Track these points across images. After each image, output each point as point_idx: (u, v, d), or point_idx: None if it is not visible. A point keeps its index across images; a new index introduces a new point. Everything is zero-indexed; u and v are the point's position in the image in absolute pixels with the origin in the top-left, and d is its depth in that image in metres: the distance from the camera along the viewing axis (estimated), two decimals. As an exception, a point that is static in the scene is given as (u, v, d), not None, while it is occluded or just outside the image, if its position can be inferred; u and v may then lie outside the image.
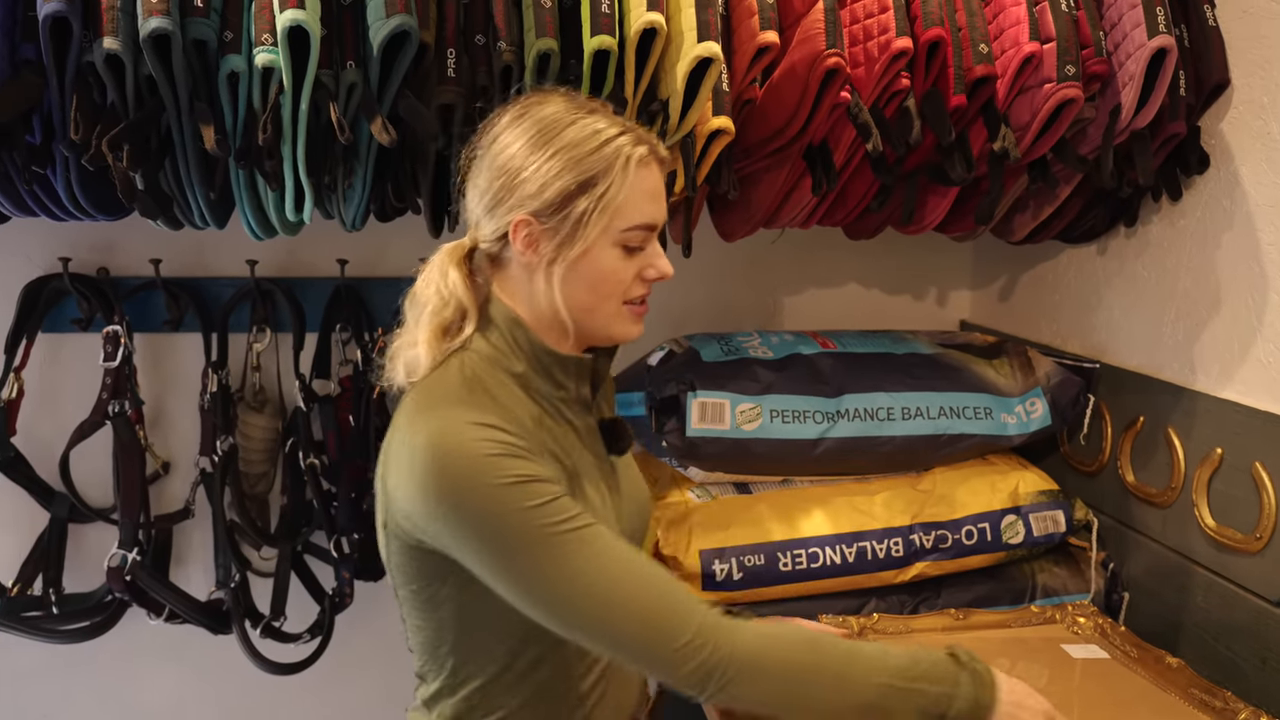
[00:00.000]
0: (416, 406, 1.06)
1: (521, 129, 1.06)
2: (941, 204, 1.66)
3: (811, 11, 1.37)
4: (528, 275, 1.09)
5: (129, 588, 1.74)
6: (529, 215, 1.05)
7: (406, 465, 1.02)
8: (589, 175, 1.04)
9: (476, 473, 0.99)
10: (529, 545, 0.99)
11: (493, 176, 1.07)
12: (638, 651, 0.99)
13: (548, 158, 1.04)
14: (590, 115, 1.06)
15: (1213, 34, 1.48)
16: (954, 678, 1.02)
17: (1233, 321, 1.48)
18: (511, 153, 1.06)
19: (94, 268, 1.83)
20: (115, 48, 1.22)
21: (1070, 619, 1.56)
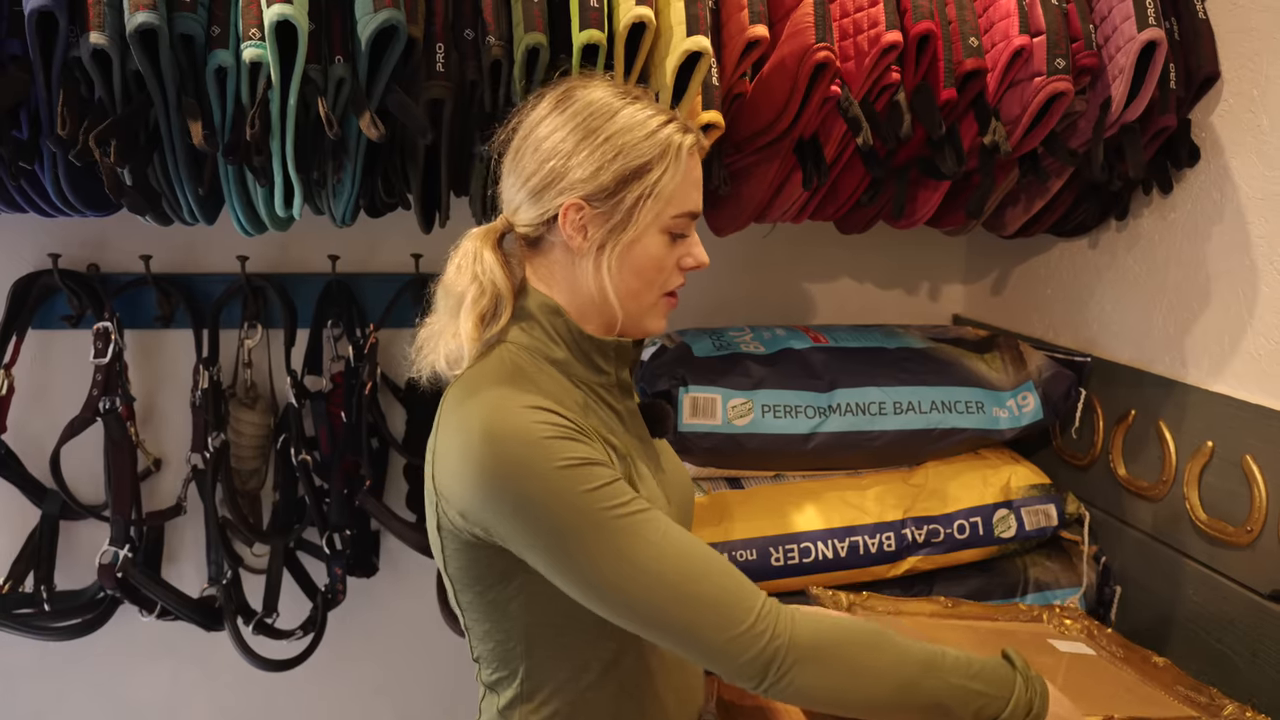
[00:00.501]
0: (465, 395, 1.04)
1: (569, 114, 1.05)
2: (933, 198, 1.66)
3: (801, 5, 1.37)
4: (572, 260, 1.08)
5: (121, 585, 1.74)
6: (580, 199, 1.04)
7: (460, 453, 1.01)
8: (643, 161, 1.04)
9: (534, 456, 0.97)
10: (587, 529, 0.97)
11: (541, 160, 1.05)
12: (697, 638, 0.97)
13: (600, 142, 1.04)
14: (636, 102, 1.06)
15: (1203, 27, 1.48)
16: (1011, 682, 1.02)
17: (1223, 314, 1.48)
18: (561, 137, 1.05)
19: (84, 264, 1.82)
20: (102, 43, 1.21)
21: (1057, 620, 1.56)
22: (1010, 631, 1.52)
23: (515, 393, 1.02)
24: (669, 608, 0.96)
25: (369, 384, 1.84)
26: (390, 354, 1.95)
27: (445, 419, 1.06)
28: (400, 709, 2.13)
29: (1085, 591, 1.68)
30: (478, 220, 1.58)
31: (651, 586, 0.96)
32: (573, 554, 0.97)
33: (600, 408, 1.10)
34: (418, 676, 2.11)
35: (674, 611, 0.96)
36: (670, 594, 0.96)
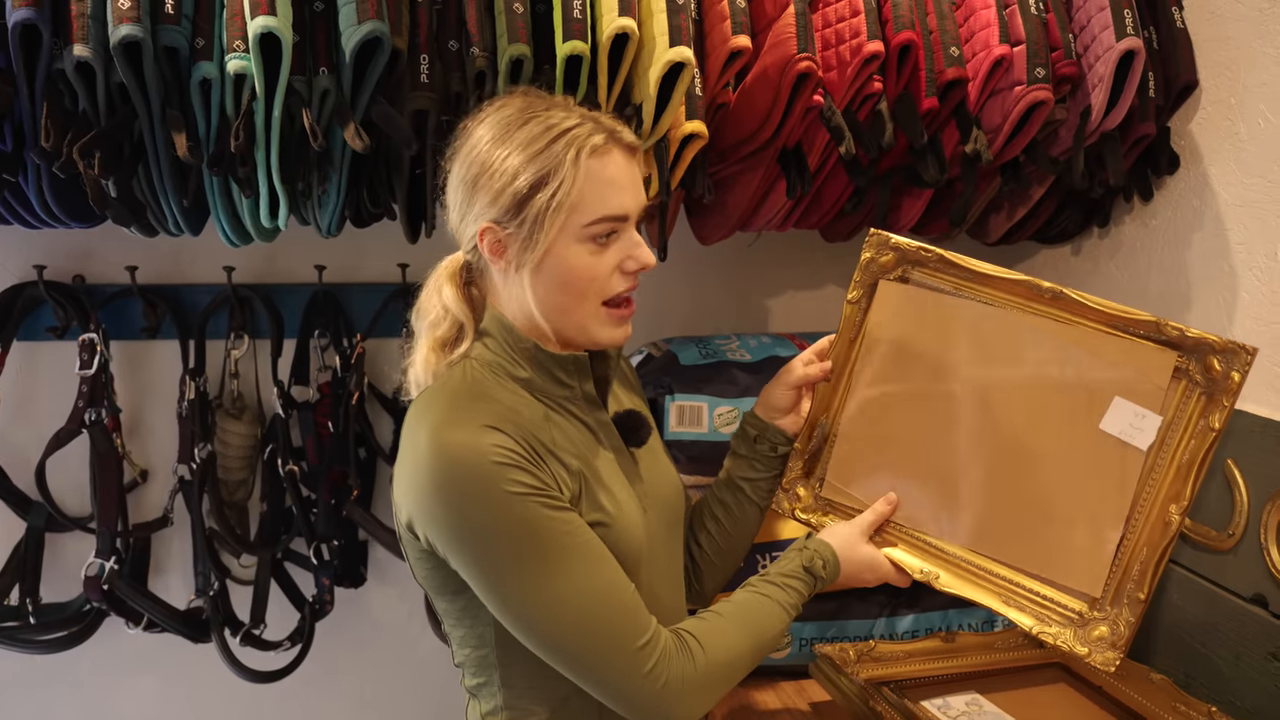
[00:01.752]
0: (419, 413, 1.06)
1: (479, 134, 1.07)
2: (916, 206, 1.67)
3: (783, 16, 1.38)
4: (500, 282, 1.10)
5: (107, 597, 1.73)
6: (490, 223, 1.05)
7: (410, 467, 1.03)
8: (541, 173, 1.02)
9: (475, 478, 0.99)
10: (514, 560, 1.00)
11: (457, 186, 1.09)
12: (604, 677, 1.03)
13: (502, 160, 1.03)
14: (547, 110, 1.05)
15: (1181, 36, 1.49)
16: (812, 585, 1.19)
17: (1204, 320, 1.49)
18: (471, 159, 1.06)
19: (69, 275, 1.82)
20: (86, 55, 1.21)
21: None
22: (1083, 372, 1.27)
23: (468, 412, 1.03)
24: (576, 647, 1.02)
25: (356, 394, 1.84)
26: (377, 364, 1.95)
27: (404, 433, 1.09)
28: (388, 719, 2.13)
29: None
30: (463, 230, 1.58)
31: (562, 626, 1.01)
32: (496, 580, 1.01)
33: (566, 421, 1.11)
34: (406, 687, 2.11)
35: (580, 651, 1.02)
36: (579, 635, 1.02)
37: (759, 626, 1.13)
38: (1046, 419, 1.22)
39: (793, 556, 1.21)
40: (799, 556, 1.20)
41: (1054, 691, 1.46)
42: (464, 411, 1.03)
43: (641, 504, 1.14)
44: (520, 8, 1.30)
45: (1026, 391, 1.22)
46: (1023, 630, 1.20)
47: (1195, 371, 1.14)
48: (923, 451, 1.27)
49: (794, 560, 1.20)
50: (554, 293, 1.07)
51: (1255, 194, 1.40)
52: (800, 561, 1.20)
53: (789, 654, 1.60)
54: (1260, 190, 1.39)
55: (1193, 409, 1.16)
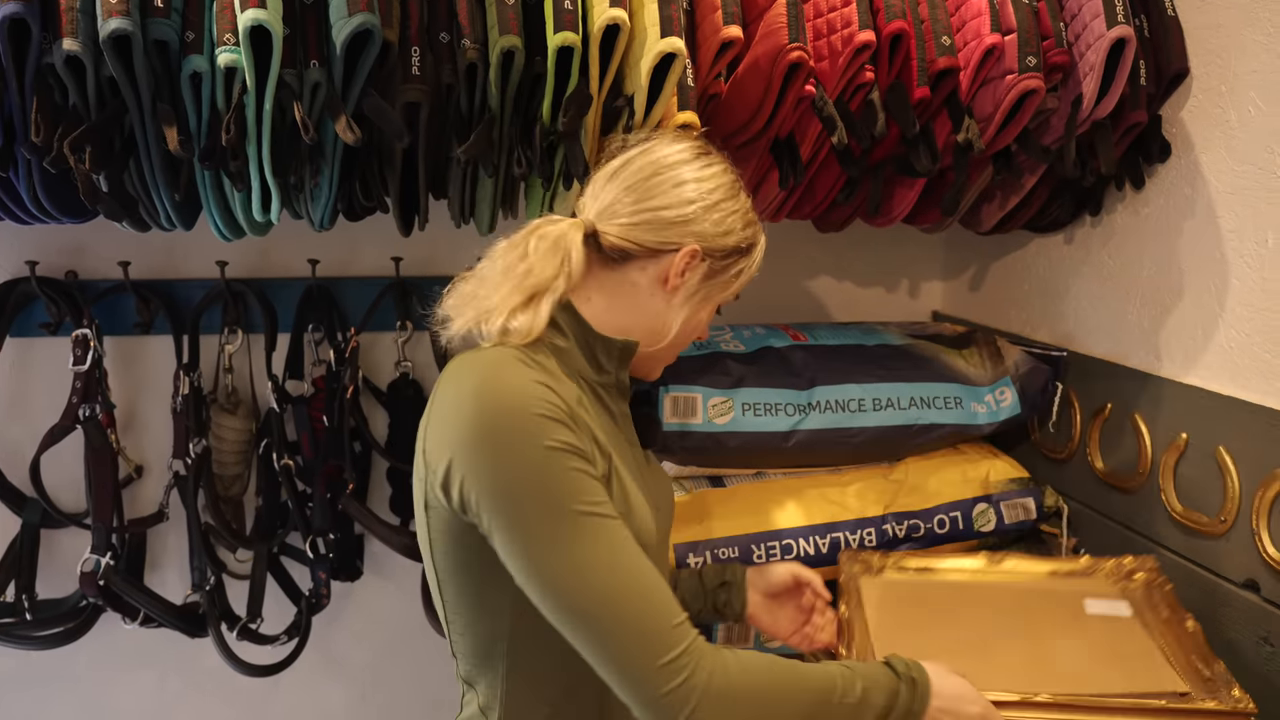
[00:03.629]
0: (464, 368, 1.06)
1: (712, 173, 1.15)
2: (909, 195, 1.67)
3: (774, 6, 1.38)
4: (646, 290, 1.15)
5: (103, 592, 1.73)
6: (701, 248, 1.13)
7: (451, 409, 1.02)
8: (752, 241, 1.19)
9: (521, 425, 0.98)
10: (548, 515, 0.97)
11: (683, 199, 1.13)
12: (618, 659, 0.96)
13: (733, 211, 1.16)
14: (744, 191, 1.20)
15: (1171, 23, 1.49)
16: (894, 689, 1.07)
17: (1196, 308, 1.50)
18: (709, 188, 1.14)
19: (62, 271, 1.82)
20: (75, 49, 1.21)
21: (1126, 572, 1.51)
22: (1046, 591, 1.49)
23: (516, 368, 1.04)
24: (604, 618, 0.96)
25: (351, 388, 1.84)
26: (372, 357, 1.95)
27: (443, 385, 1.08)
28: (385, 712, 2.13)
29: (1065, 584, 1.70)
30: (456, 222, 1.58)
31: (595, 591, 0.96)
32: (528, 535, 0.98)
33: (594, 405, 1.12)
34: (403, 679, 2.11)
35: (608, 623, 0.96)
36: (605, 607, 0.96)
37: (809, 682, 1.04)
38: (1043, 624, 1.41)
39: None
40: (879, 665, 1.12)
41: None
42: (514, 366, 1.04)
43: (648, 499, 1.14)
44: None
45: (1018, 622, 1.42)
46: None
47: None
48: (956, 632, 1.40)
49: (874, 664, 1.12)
50: (676, 326, 1.16)
51: (1246, 181, 1.41)
52: (881, 661, 1.12)
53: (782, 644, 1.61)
54: (1251, 177, 1.40)
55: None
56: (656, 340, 1.17)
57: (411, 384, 1.97)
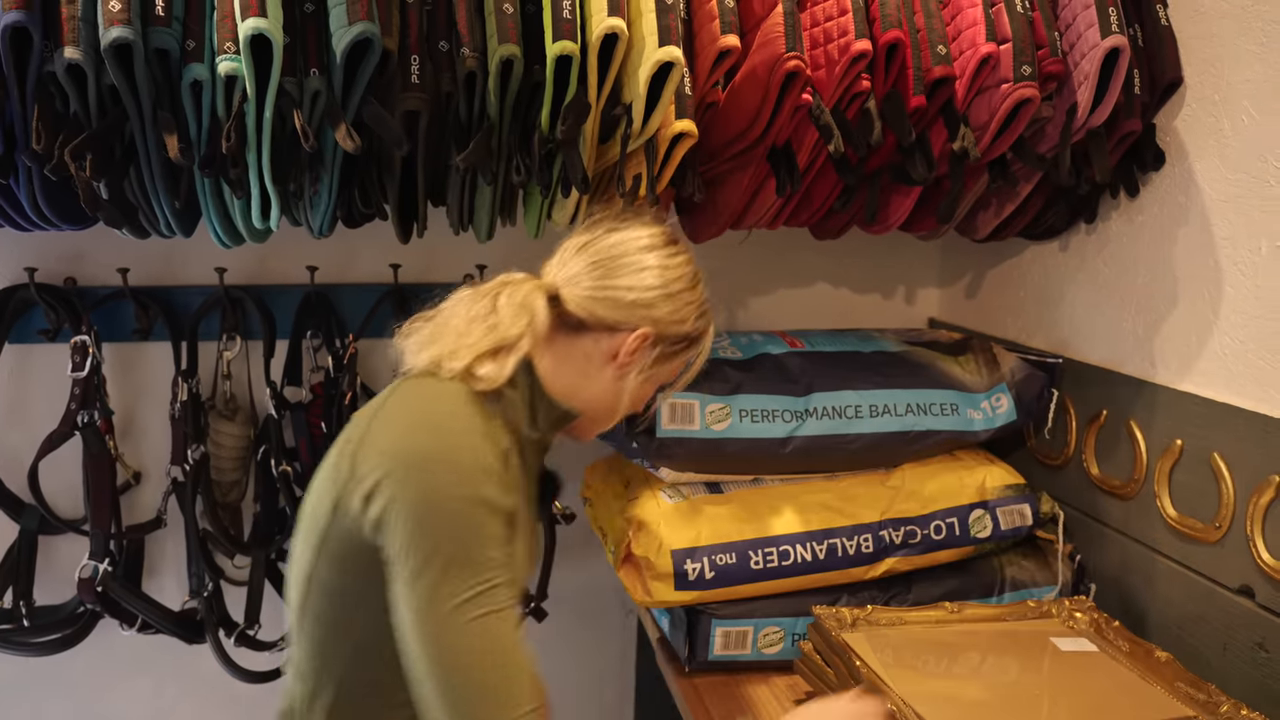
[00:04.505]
0: (431, 389, 1.13)
1: (676, 262, 1.23)
2: (905, 203, 1.68)
3: (771, 15, 1.39)
4: (597, 362, 1.22)
5: (101, 599, 1.73)
6: (654, 333, 1.21)
7: (404, 430, 1.08)
8: (703, 332, 1.27)
9: (467, 476, 1.04)
10: (456, 567, 1.01)
11: (643, 284, 1.20)
12: (477, 712, 1.00)
13: (690, 302, 1.23)
14: (704, 283, 1.28)
15: (1165, 33, 1.51)
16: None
17: (1190, 315, 1.51)
18: (668, 277, 1.21)
19: (61, 278, 1.82)
20: (76, 57, 1.21)
21: (1067, 613, 1.58)
22: (1013, 632, 1.54)
23: (476, 414, 1.11)
24: (460, 684, 1.00)
25: (349, 394, 1.84)
26: (370, 364, 1.96)
27: (398, 401, 1.12)
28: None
29: (1060, 589, 1.71)
30: (455, 230, 1.59)
31: (461, 654, 1.00)
32: (431, 577, 1.01)
33: (518, 458, 1.17)
34: (401, 686, 2.11)
35: (460, 691, 1.00)
36: (469, 673, 1.00)
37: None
38: (1035, 664, 1.47)
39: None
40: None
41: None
42: (471, 413, 1.11)
43: (526, 556, 1.19)
44: (510, 8, 1.30)
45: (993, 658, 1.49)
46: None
47: None
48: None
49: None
50: (622, 400, 1.24)
51: (1239, 189, 1.42)
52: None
53: (781, 649, 1.62)
54: (1244, 186, 1.41)
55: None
56: (596, 409, 1.25)
57: (409, 390, 1.97)
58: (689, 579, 1.57)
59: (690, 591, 1.57)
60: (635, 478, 1.75)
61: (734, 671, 1.63)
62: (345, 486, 1.07)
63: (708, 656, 1.61)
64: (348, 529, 1.07)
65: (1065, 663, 1.45)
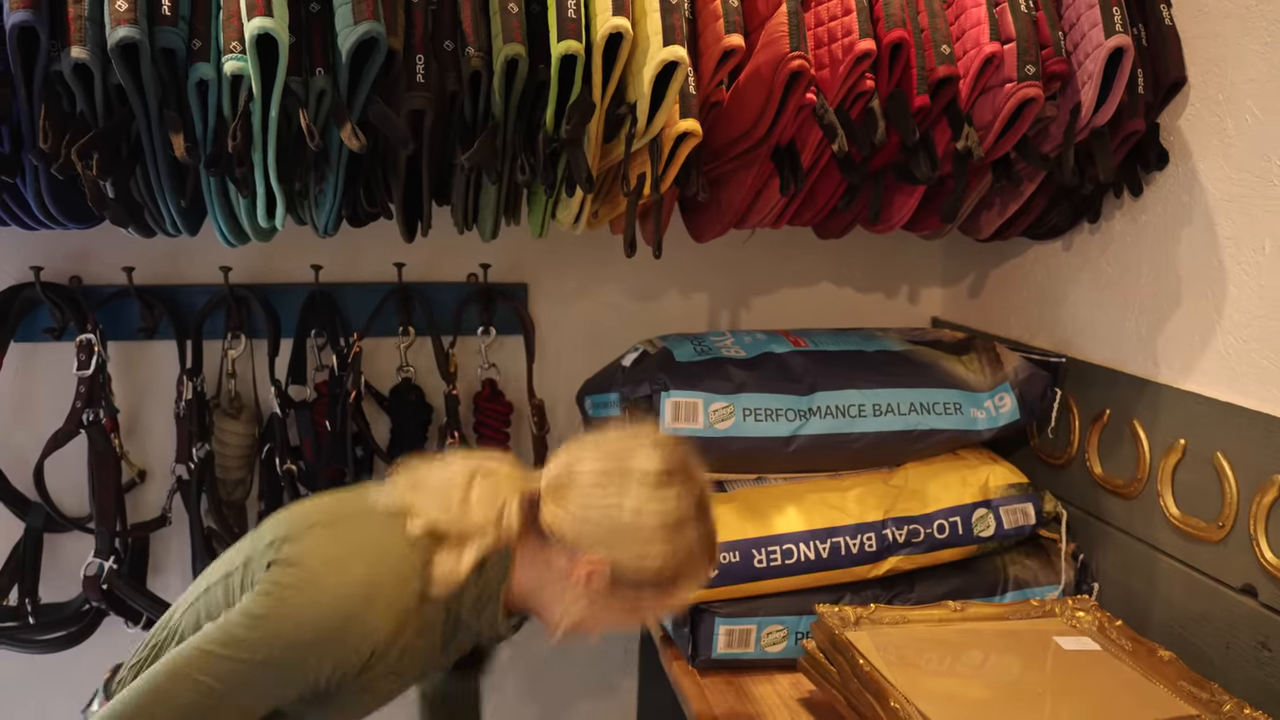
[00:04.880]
0: (378, 527, 1.15)
1: (660, 502, 1.15)
2: (908, 203, 1.68)
3: (776, 15, 1.39)
4: (557, 575, 1.18)
5: (106, 596, 1.74)
6: (611, 567, 1.15)
7: (321, 550, 1.12)
8: (673, 582, 1.17)
9: (328, 626, 1.07)
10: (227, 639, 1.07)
11: (608, 513, 1.15)
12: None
13: (667, 544, 1.15)
14: (703, 527, 1.18)
15: (1169, 33, 1.51)
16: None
17: (1193, 314, 1.51)
18: (644, 514, 1.14)
19: (67, 276, 1.82)
20: (83, 57, 1.22)
21: (1070, 613, 1.58)
22: (1016, 631, 1.54)
23: (395, 587, 1.11)
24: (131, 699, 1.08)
25: (353, 393, 1.84)
26: (374, 363, 1.96)
27: (346, 517, 1.18)
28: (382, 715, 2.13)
29: (1064, 589, 1.71)
30: (459, 229, 1.59)
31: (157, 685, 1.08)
32: (195, 654, 1.08)
33: (435, 627, 1.18)
34: (405, 684, 2.12)
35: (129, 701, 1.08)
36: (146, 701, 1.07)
37: None
38: (1040, 663, 1.47)
39: None
40: None
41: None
42: (391, 584, 1.11)
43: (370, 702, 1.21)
44: (515, 8, 1.31)
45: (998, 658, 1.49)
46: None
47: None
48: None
49: None
50: (586, 619, 1.19)
51: (1243, 189, 1.42)
52: None
53: (784, 647, 1.62)
54: (1248, 185, 1.41)
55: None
56: (550, 618, 1.21)
57: (414, 389, 1.98)
58: (692, 577, 1.57)
59: (694, 590, 1.58)
60: (639, 476, 1.75)
61: (737, 670, 1.63)
62: (257, 549, 1.14)
63: (711, 655, 1.61)
64: (230, 592, 1.14)
65: (1068, 662, 1.45)
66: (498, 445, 1.99)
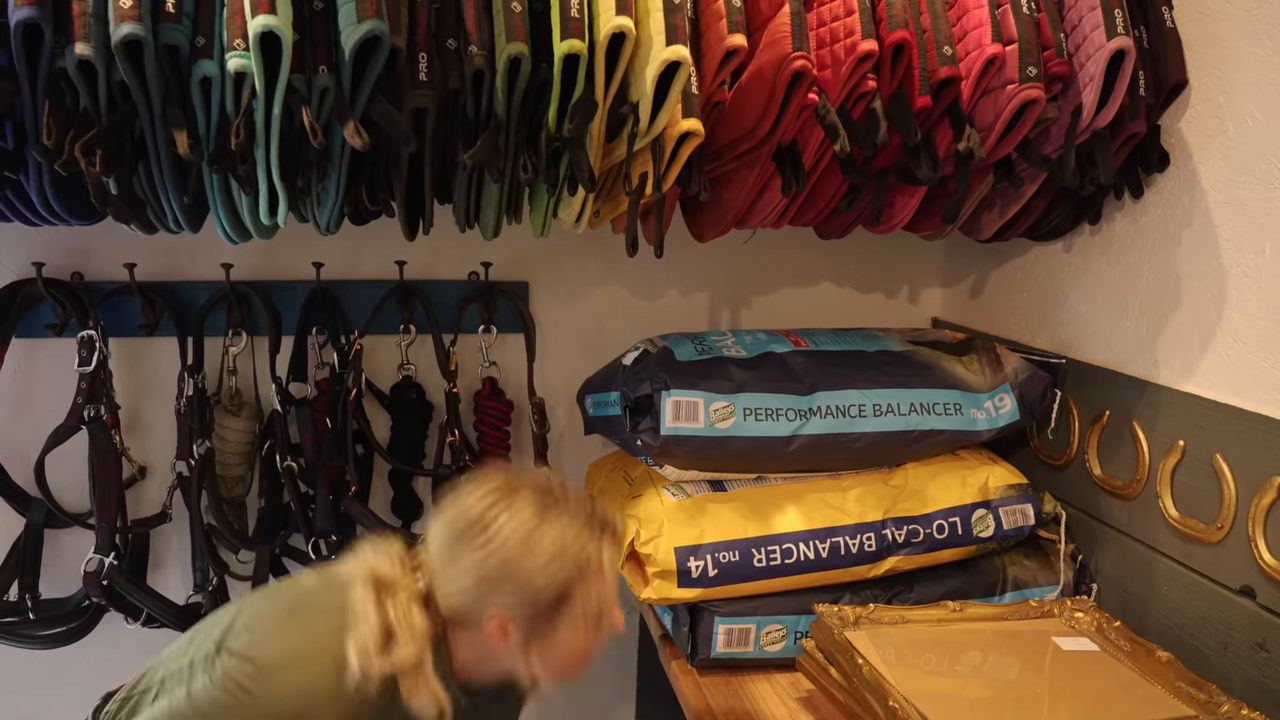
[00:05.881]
0: (326, 621, 1.14)
1: (502, 528, 1.13)
2: (910, 203, 1.68)
3: (778, 15, 1.39)
4: (491, 642, 1.16)
5: (106, 592, 1.74)
6: (506, 615, 1.14)
7: (266, 645, 1.13)
8: (564, 588, 1.14)
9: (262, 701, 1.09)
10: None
11: (473, 569, 1.15)
12: None
13: (528, 571, 1.13)
14: (554, 521, 1.14)
15: (1170, 35, 1.51)
16: None
17: (1193, 316, 1.51)
18: (505, 553, 1.13)
19: (68, 272, 1.83)
20: (87, 53, 1.22)
21: (1069, 613, 1.59)
22: (1015, 631, 1.54)
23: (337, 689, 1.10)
24: None
25: (354, 390, 1.85)
26: (374, 361, 1.96)
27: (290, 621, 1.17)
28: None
29: (1063, 589, 1.71)
30: (461, 227, 1.60)
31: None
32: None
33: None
34: (404, 681, 2.12)
35: None
36: None
37: None
38: (1039, 663, 1.47)
39: None
40: None
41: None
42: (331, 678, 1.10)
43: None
44: (518, 6, 1.31)
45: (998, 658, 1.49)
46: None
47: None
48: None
49: None
50: (558, 664, 1.19)
51: (1244, 191, 1.42)
52: None
53: (783, 647, 1.62)
54: (1249, 188, 1.41)
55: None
56: (530, 679, 1.20)
57: (414, 387, 1.98)
58: (692, 576, 1.58)
59: (693, 589, 1.58)
60: (639, 475, 1.76)
61: (736, 669, 1.63)
62: (220, 659, 1.14)
63: (710, 654, 1.61)
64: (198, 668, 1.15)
65: (1066, 662, 1.46)
66: (498, 443, 1.99)
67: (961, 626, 1.55)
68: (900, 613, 1.57)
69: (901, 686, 1.32)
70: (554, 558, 1.14)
